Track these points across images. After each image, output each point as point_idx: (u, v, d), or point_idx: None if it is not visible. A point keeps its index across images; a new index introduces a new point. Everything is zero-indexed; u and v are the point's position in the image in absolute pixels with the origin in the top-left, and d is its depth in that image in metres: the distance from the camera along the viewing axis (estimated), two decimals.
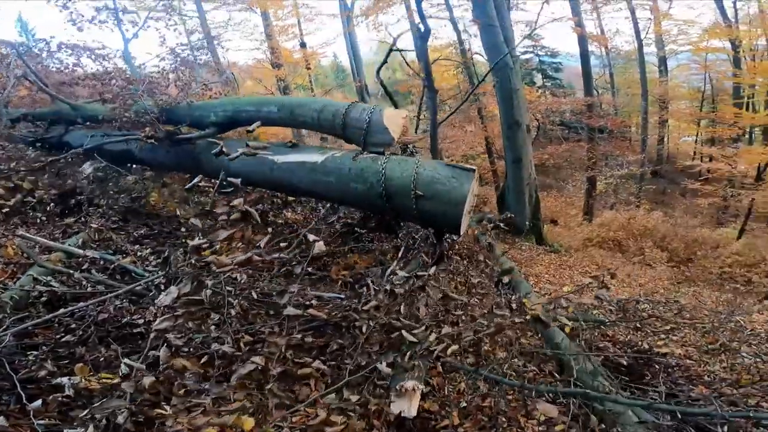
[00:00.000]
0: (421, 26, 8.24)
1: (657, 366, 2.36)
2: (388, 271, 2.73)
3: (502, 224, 7.42)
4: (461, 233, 2.69)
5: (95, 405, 1.32)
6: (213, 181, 3.95)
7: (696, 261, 8.86)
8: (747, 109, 16.38)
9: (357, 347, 1.72)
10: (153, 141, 3.64)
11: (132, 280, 2.47)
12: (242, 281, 1.98)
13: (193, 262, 1.69)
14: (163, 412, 1.30)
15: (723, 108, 17.37)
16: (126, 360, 1.54)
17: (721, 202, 13.82)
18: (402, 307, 1.84)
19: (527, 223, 8.44)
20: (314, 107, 3.28)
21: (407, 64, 11.94)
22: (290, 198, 4.70)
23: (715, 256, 8.75)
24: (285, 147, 3.29)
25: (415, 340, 1.68)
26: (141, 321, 1.94)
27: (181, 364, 1.44)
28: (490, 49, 8.06)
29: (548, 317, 1.86)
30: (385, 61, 8.13)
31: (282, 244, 2.22)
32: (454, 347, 1.66)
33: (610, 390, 1.87)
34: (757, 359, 2.63)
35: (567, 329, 2.05)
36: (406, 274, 1.97)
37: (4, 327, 1.67)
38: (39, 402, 1.35)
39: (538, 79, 24.25)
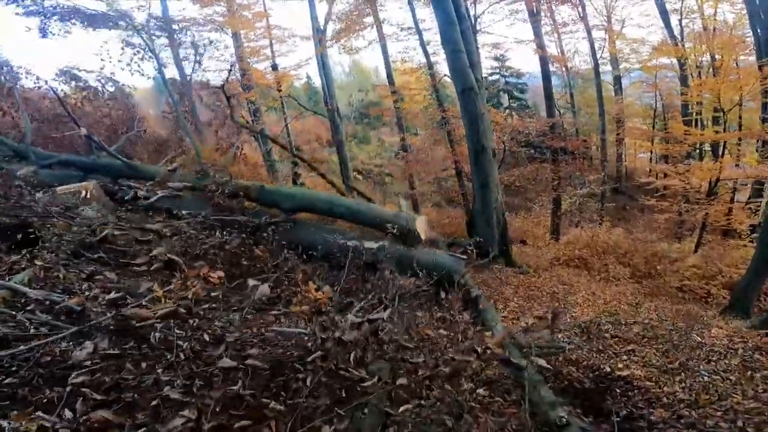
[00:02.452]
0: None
1: (617, 390, 2.40)
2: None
3: (471, 248, 7.56)
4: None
5: None
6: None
7: (656, 275, 9.21)
8: (696, 125, 17.30)
9: (298, 405, 1.64)
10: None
11: (80, 319, 2.37)
12: (194, 324, 1.90)
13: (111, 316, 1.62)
14: None
15: (674, 125, 18.38)
16: (39, 413, 1.47)
17: (677, 217, 14.49)
18: (352, 355, 1.78)
19: (496, 245, 8.58)
20: (373, 214, 5.48)
21: None
22: (258, 233, 4.78)
23: (674, 270, 9.12)
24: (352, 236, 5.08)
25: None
26: (89, 363, 1.85)
27: (101, 417, 1.37)
28: (456, 75, 8.30)
29: (519, 358, 1.87)
30: None
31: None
32: (408, 406, 1.63)
33: (568, 422, 1.89)
34: (715, 377, 2.72)
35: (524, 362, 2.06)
36: (357, 319, 1.91)
37: None
38: None
39: (505, 99, 25.17)
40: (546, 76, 16.00)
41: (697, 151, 18.14)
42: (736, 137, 15.89)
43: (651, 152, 22.68)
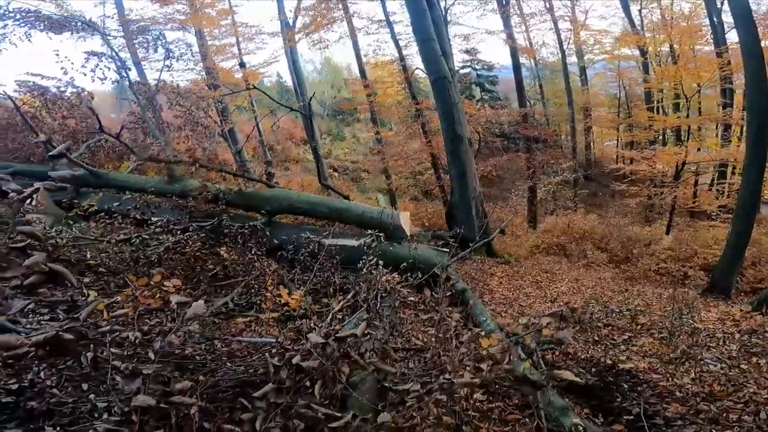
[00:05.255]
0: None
1: (624, 385, 2.23)
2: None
3: (452, 240, 7.39)
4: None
5: None
6: None
7: (633, 259, 9.33)
8: (658, 112, 17.84)
9: None
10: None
11: None
12: (136, 339, 1.60)
13: None
14: None
15: (638, 113, 18.93)
16: None
17: (647, 201, 14.87)
18: (317, 387, 1.43)
19: (477, 236, 8.47)
20: (357, 212, 5.38)
21: None
22: (224, 232, 4.42)
23: (649, 253, 9.25)
24: (331, 234, 4.81)
25: None
26: (15, 387, 1.58)
27: None
28: (429, 64, 8.13)
29: (539, 377, 1.62)
30: None
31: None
32: None
33: (585, 429, 1.69)
34: (723, 365, 2.58)
35: (526, 365, 1.83)
36: (321, 339, 1.56)
37: None
38: None
39: (477, 92, 25.30)
40: (516, 66, 16.08)
41: (661, 137, 18.72)
42: (698, 122, 16.47)
43: (617, 140, 23.32)
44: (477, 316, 3.69)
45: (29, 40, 9.40)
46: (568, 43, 19.54)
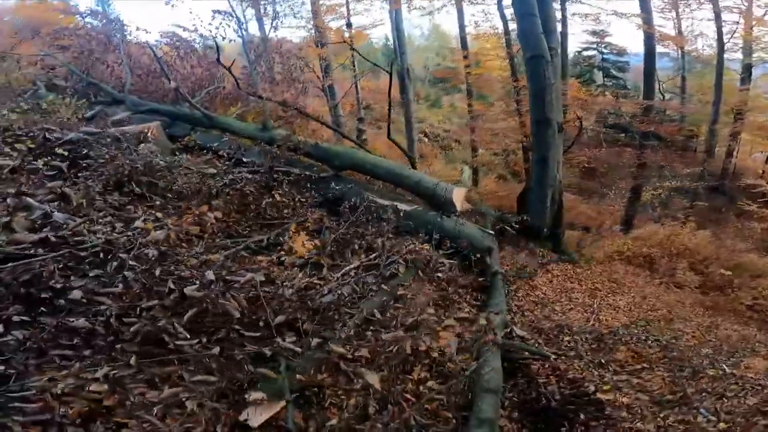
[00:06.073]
0: None
1: (583, 415, 2.11)
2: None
3: (513, 225, 7.11)
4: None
5: None
6: None
7: (729, 289, 8.02)
8: None
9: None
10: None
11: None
12: (152, 256, 2.00)
13: None
14: None
15: None
16: None
17: None
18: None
19: (546, 227, 8.01)
20: (414, 179, 5.63)
21: None
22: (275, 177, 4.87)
23: (752, 286, 7.87)
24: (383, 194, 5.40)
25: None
26: (59, 286, 2.02)
27: None
28: (526, 39, 7.55)
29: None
30: None
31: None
32: None
33: None
34: (712, 418, 2.25)
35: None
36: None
37: None
38: None
39: (599, 77, 22.79)
40: (649, 53, 14.11)
41: None
42: None
43: None
44: (491, 307, 3.62)
45: None
46: (731, 37, 16.35)
